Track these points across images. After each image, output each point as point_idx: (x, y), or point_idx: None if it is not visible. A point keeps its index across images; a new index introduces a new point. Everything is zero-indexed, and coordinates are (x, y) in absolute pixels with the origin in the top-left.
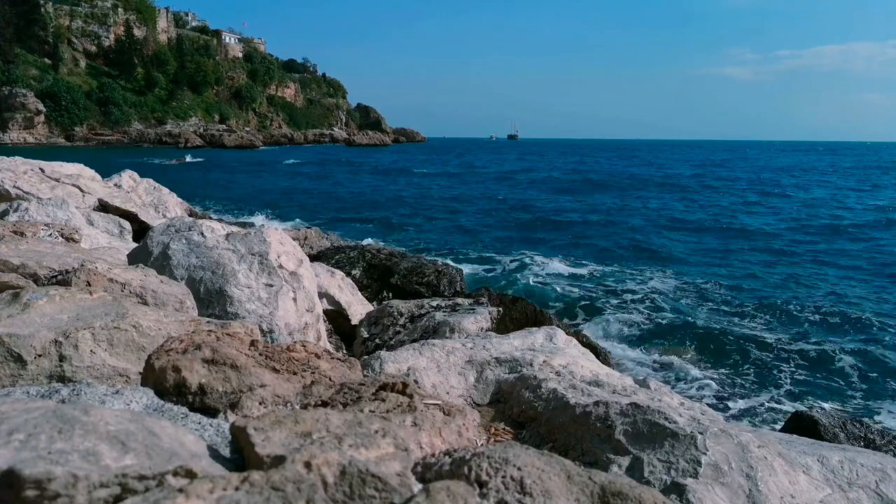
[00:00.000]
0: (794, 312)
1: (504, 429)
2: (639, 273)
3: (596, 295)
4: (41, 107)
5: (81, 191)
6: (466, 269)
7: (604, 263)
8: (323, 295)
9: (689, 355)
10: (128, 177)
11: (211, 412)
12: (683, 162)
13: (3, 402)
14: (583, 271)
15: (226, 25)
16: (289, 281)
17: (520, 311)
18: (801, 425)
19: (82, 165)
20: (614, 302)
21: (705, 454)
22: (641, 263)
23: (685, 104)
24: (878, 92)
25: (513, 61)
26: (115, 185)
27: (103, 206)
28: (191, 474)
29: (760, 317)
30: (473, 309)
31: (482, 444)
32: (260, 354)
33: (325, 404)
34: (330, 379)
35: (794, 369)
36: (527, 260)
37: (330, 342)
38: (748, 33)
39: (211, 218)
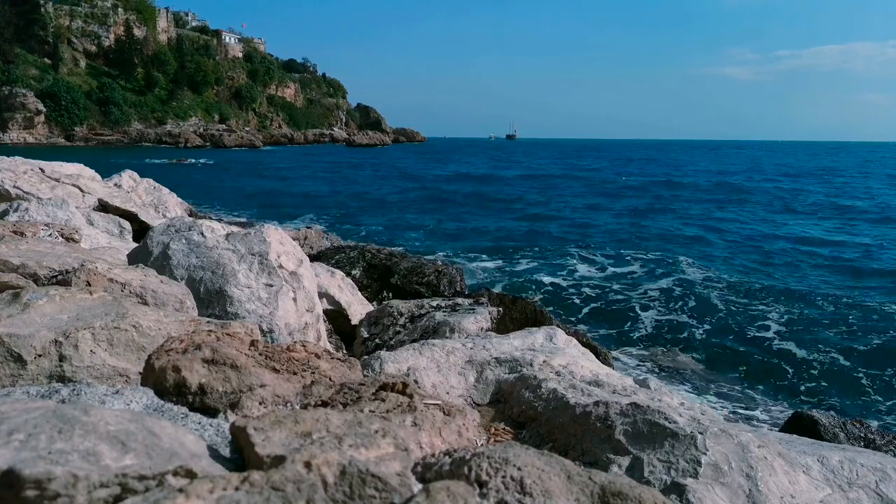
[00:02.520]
0: (795, 312)
1: (504, 429)
2: (638, 273)
3: (596, 295)
4: (41, 107)
5: (81, 191)
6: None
7: (603, 263)
8: (323, 295)
9: (689, 355)
10: (128, 177)
11: (211, 412)
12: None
13: (3, 402)
14: (582, 271)
15: (226, 25)
16: (289, 281)
17: (520, 311)
18: (801, 425)
19: (82, 165)
20: (615, 302)
21: (705, 454)
22: (641, 263)
23: (685, 104)
24: (879, 92)
25: (512, 61)
26: (115, 185)
27: (103, 206)
28: (191, 474)
29: (761, 317)
30: (473, 309)
31: (482, 444)
32: (260, 354)
33: (325, 404)
34: (330, 379)
35: (794, 369)
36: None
37: (330, 342)
38: (748, 33)
39: (210, 217)
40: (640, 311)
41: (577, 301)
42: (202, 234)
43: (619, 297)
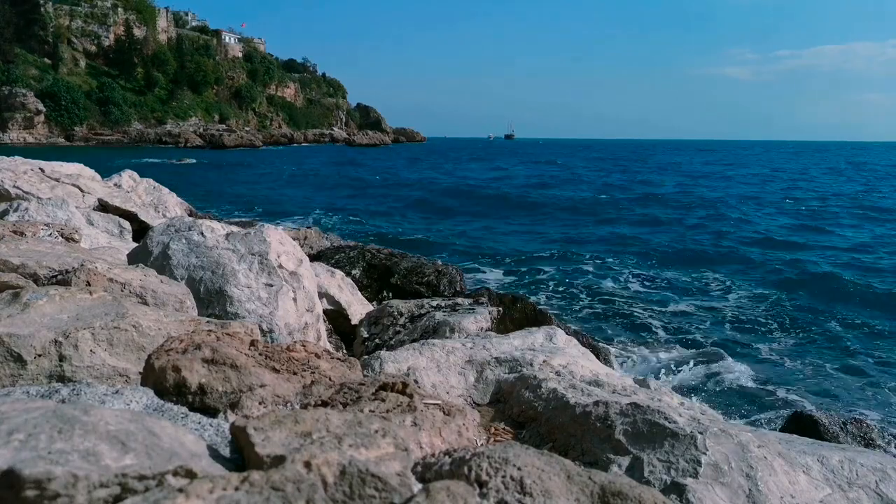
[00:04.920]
0: (795, 311)
1: (504, 429)
2: (638, 272)
3: (596, 294)
4: (41, 107)
5: (81, 191)
6: None
7: (603, 261)
8: (323, 295)
9: (689, 355)
10: (128, 177)
11: (211, 412)
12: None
13: (3, 402)
14: (583, 270)
15: (226, 25)
16: (289, 281)
17: (520, 311)
18: (801, 425)
19: (82, 165)
20: (614, 301)
21: (705, 454)
22: (641, 262)
23: (685, 104)
24: (878, 92)
25: (512, 61)
26: (115, 184)
27: (103, 206)
28: (191, 474)
29: (761, 316)
30: (473, 309)
31: (482, 444)
32: (260, 354)
33: (325, 404)
34: (330, 379)
35: (794, 368)
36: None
37: (330, 342)
38: (748, 33)
39: (210, 217)
40: (639, 312)
41: (577, 302)
42: (202, 233)
43: (619, 298)
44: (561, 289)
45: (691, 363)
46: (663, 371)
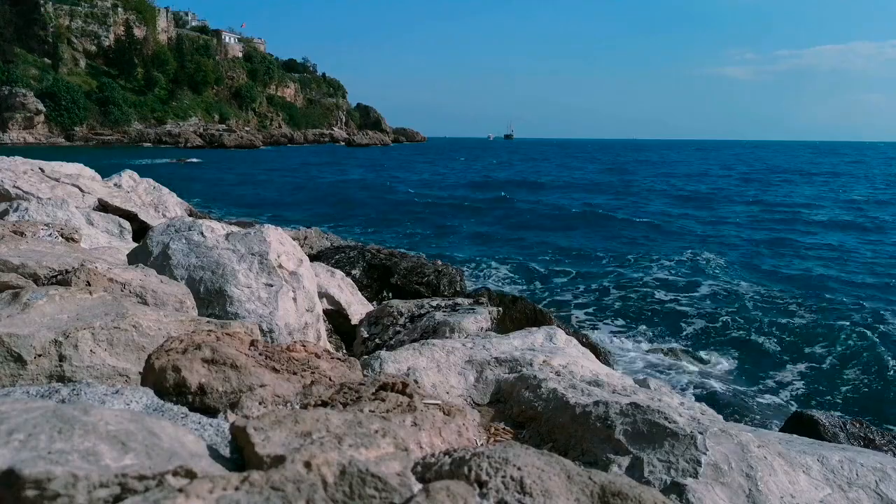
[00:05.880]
0: (795, 311)
1: (504, 429)
2: (637, 271)
3: (595, 293)
4: (41, 107)
5: (81, 191)
6: None
7: (600, 260)
8: (323, 295)
9: (689, 354)
10: (128, 177)
11: (211, 412)
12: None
13: (3, 402)
14: (581, 269)
15: (226, 25)
16: (289, 281)
17: (520, 311)
18: (801, 425)
19: (82, 165)
20: (614, 300)
21: (705, 454)
22: (639, 260)
23: (685, 104)
24: (878, 92)
25: (513, 61)
26: (115, 184)
27: (103, 206)
28: (191, 474)
29: (761, 315)
30: (473, 309)
31: (482, 444)
32: (260, 354)
33: (325, 404)
34: (330, 379)
35: (795, 369)
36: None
37: (330, 342)
38: (748, 33)
39: (210, 217)
40: (640, 312)
41: (576, 301)
42: (202, 233)
43: (619, 297)
44: (561, 290)
45: (692, 363)
46: (663, 370)
